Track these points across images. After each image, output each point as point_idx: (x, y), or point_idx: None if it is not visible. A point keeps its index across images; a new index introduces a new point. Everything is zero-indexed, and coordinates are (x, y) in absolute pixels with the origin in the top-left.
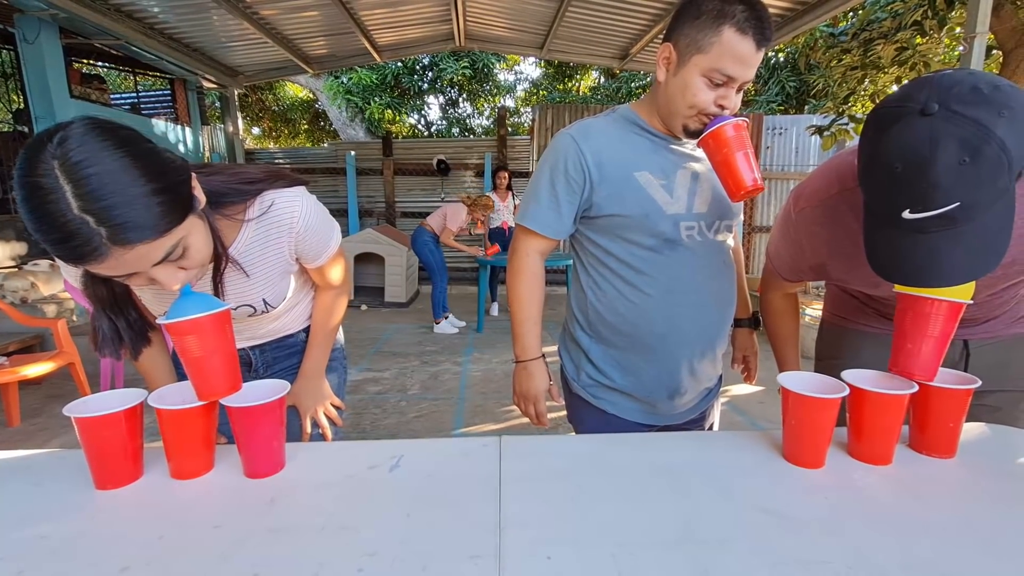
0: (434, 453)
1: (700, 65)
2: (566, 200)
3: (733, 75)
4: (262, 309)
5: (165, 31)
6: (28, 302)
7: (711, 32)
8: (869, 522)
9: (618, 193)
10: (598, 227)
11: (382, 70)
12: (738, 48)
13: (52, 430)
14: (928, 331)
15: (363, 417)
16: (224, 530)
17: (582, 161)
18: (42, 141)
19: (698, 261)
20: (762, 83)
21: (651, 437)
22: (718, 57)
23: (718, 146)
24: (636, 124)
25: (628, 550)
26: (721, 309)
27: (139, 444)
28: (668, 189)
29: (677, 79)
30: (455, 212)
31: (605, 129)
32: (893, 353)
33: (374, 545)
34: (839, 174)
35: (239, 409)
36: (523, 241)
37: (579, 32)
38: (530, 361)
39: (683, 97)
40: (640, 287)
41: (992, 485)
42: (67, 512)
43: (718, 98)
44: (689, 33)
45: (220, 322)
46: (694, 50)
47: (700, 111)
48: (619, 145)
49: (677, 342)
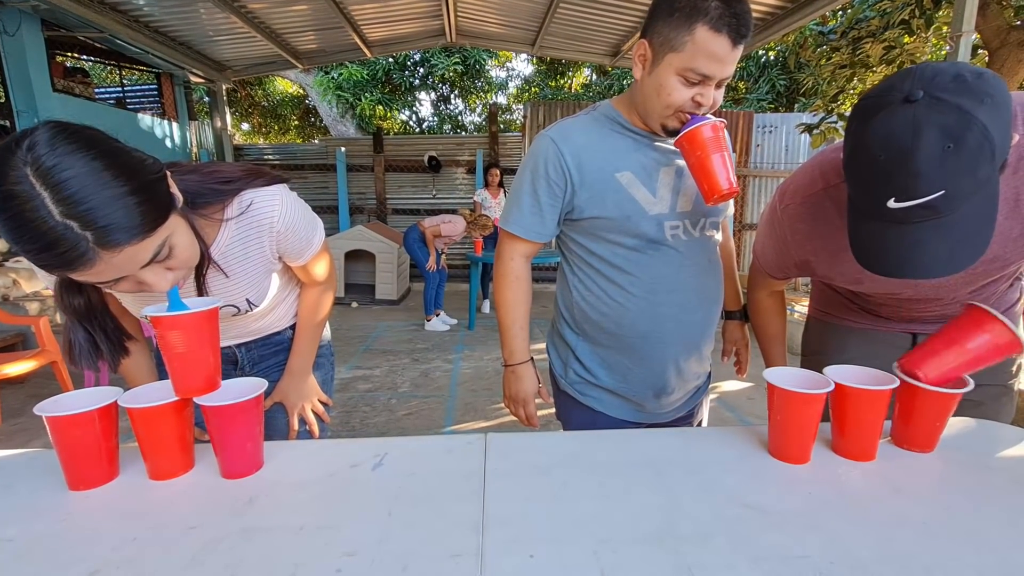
0: (418, 451)
1: (674, 64)
2: (548, 204)
3: (708, 74)
4: (245, 308)
5: (150, 24)
6: (10, 300)
7: (684, 30)
8: (850, 516)
9: (599, 195)
10: (581, 228)
11: (373, 66)
12: (712, 46)
13: (33, 430)
14: (968, 345)
15: (353, 415)
16: (200, 531)
17: (562, 164)
18: (9, 149)
19: (682, 260)
20: (752, 81)
21: (636, 433)
22: (692, 56)
23: (693, 148)
24: (617, 122)
25: (610, 547)
26: (706, 307)
27: (114, 444)
28: (651, 189)
29: (652, 78)
30: (454, 224)
31: (585, 129)
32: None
33: (353, 545)
34: (823, 171)
35: (214, 408)
36: (507, 245)
37: (571, 29)
38: (518, 365)
39: (659, 96)
40: (623, 286)
41: (972, 478)
42: (36, 514)
43: (695, 95)
44: (663, 31)
45: (206, 320)
46: (668, 48)
47: (677, 109)
48: (600, 145)
49: (660, 341)
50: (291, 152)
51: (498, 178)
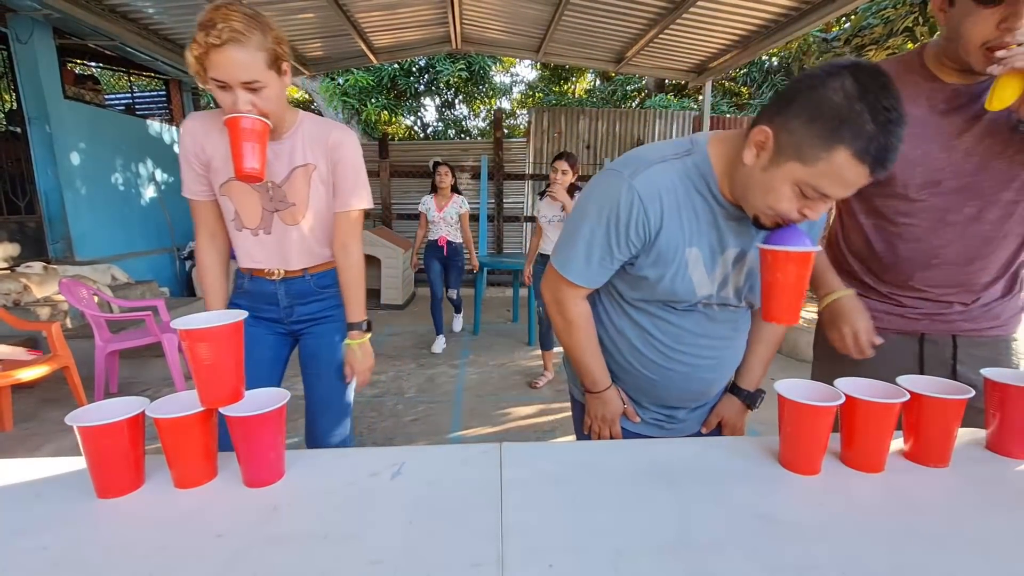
0: (434, 460)
1: (796, 175)
2: (619, 259)
3: (831, 196)
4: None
5: (160, 32)
6: (21, 305)
7: (821, 146)
8: (862, 528)
9: (662, 264)
10: (622, 273)
11: (378, 72)
12: (847, 174)
13: (44, 435)
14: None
15: (360, 421)
16: (227, 539)
17: (646, 226)
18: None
19: (702, 327)
20: (756, 87)
21: (647, 443)
22: (819, 175)
23: (775, 266)
24: (707, 184)
25: (627, 556)
26: (716, 371)
27: (141, 453)
28: (709, 270)
29: (765, 175)
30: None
31: (672, 187)
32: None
33: (378, 553)
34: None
35: (239, 419)
36: (569, 293)
37: (575, 35)
38: (603, 392)
39: (765, 197)
40: (643, 327)
41: (984, 491)
42: (68, 523)
43: (804, 208)
44: (795, 132)
45: (232, 333)
46: (794, 155)
47: (778, 215)
48: (683, 210)
49: (667, 388)
50: None
51: (449, 180)
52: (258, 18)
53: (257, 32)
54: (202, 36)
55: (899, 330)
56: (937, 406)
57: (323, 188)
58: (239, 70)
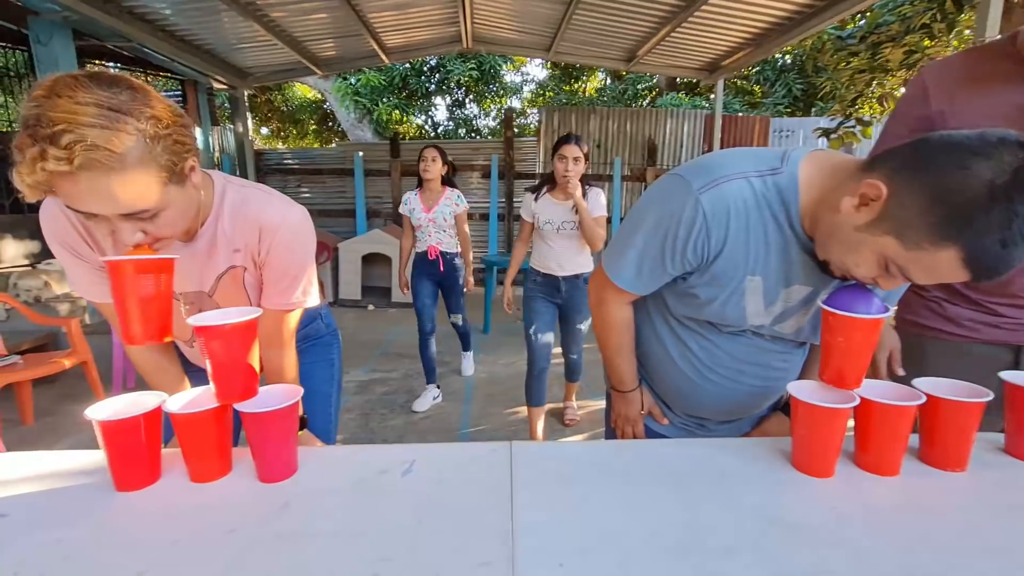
0: (445, 459)
1: (889, 250)
2: (672, 273)
3: (914, 280)
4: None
5: (176, 33)
6: (41, 301)
7: (930, 239)
8: (876, 532)
9: (718, 287)
10: (672, 284)
11: (390, 72)
12: (944, 271)
13: (61, 429)
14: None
15: (371, 418)
16: (238, 534)
17: (705, 247)
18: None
19: (746, 353)
20: (769, 85)
21: (657, 443)
22: (914, 261)
23: (838, 329)
24: (786, 211)
25: (637, 559)
26: (756, 398)
27: (158, 447)
28: (768, 301)
29: (855, 235)
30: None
31: (746, 209)
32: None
33: (387, 551)
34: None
35: (253, 415)
36: (613, 296)
37: (586, 34)
38: (629, 392)
39: (845, 255)
40: (683, 339)
41: (1002, 496)
42: (84, 515)
43: (880, 278)
44: (910, 208)
45: (246, 330)
46: (895, 231)
47: (851, 276)
48: (751, 236)
49: (698, 402)
50: (310, 157)
51: (438, 168)
52: (131, 103)
53: (132, 137)
54: (33, 150)
55: (990, 340)
56: (954, 409)
57: (260, 289)
58: (112, 205)
